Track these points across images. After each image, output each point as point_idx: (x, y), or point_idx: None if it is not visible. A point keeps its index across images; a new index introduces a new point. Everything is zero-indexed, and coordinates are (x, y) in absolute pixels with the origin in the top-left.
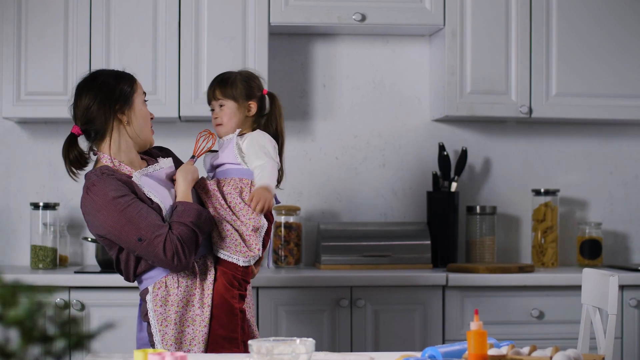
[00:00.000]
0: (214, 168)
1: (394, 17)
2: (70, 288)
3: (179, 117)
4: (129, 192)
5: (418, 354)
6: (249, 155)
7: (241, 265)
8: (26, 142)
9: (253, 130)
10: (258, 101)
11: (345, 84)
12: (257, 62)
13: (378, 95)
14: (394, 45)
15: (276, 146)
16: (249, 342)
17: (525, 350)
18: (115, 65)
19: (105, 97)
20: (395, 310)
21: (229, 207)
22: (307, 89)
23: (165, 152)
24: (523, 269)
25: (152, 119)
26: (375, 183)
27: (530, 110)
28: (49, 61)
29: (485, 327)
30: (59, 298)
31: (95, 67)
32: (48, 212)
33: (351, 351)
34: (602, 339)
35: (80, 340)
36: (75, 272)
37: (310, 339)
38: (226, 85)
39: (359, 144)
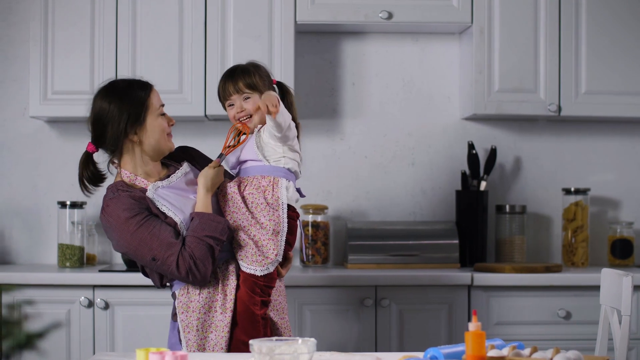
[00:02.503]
0: (238, 164)
1: (421, 15)
2: (94, 287)
3: (206, 115)
4: (142, 210)
5: (420, 354)
6: (270, 142)
7: (259, 275)
8: (55, 141)
9: None
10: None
11: (374, 82)
12: (283, 61)
13: (407, 93)
14: (424, 43)
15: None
16: (250, 341)
17: (526, 352)
18: (141, 64)
19: (114, 120)
20: (420, 310)
21: (249, 210)
22: (336, 87)
23: (189, 154)
24: (550, 269)
25: (172, 125)
26: (405, 182)
27: (559, 109)
28: (76, 60)
29: (511, 328)
30: (83, 297)
31: (122, 66)
32: (75, 210)
33: (376, 351)
34: (619, 341)
35: (29, 339)
36: (100, 271)
37: (312, 339)
38: (249, 76)
39: (388, 142)
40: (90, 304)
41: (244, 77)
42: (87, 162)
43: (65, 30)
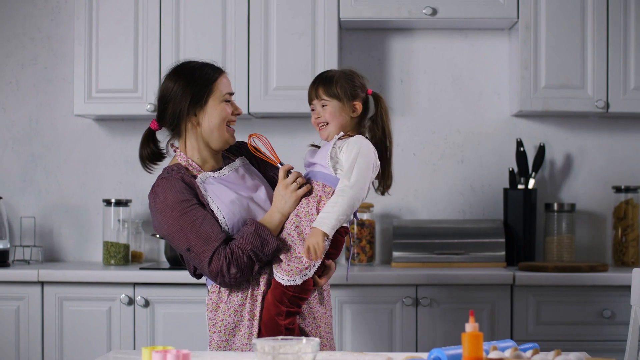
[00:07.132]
0: (310, 165)
1: (465, 10)
2: (135, 284)
3: (249, 113)
4: (191, 197)
5: (424, 355)
6: (343, 165)
7: (285, 285)
8: (103, 139)
9: (357, 134)
10: (362, 102)
11: (422, 79)
12: (326, 58)
13: (457, 90)
14: (473, 39)
15: (375, 159)
16: (253, 341)
17: (528, 354)
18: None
19: (176, 98)
20: (461, 309)
21: (297, 214)
22: (384, 85)
23: (247, 150)
24: (595, 268)
25: (238, 114)
26: (454, 179)
27: (607, 105)
28: (120, 59)
29: (553, 328)
30: (123, 294)
31: (165, 64)
32: (120, 208)
33: (416, 350)
34: None
35: None
36: (141, 269)
37: (316, 339)
38: (330, 83)
39: (437, 139)
40: (131, 302)
41: (325, 85)
42: (147, 139)
43: (109, 28)
